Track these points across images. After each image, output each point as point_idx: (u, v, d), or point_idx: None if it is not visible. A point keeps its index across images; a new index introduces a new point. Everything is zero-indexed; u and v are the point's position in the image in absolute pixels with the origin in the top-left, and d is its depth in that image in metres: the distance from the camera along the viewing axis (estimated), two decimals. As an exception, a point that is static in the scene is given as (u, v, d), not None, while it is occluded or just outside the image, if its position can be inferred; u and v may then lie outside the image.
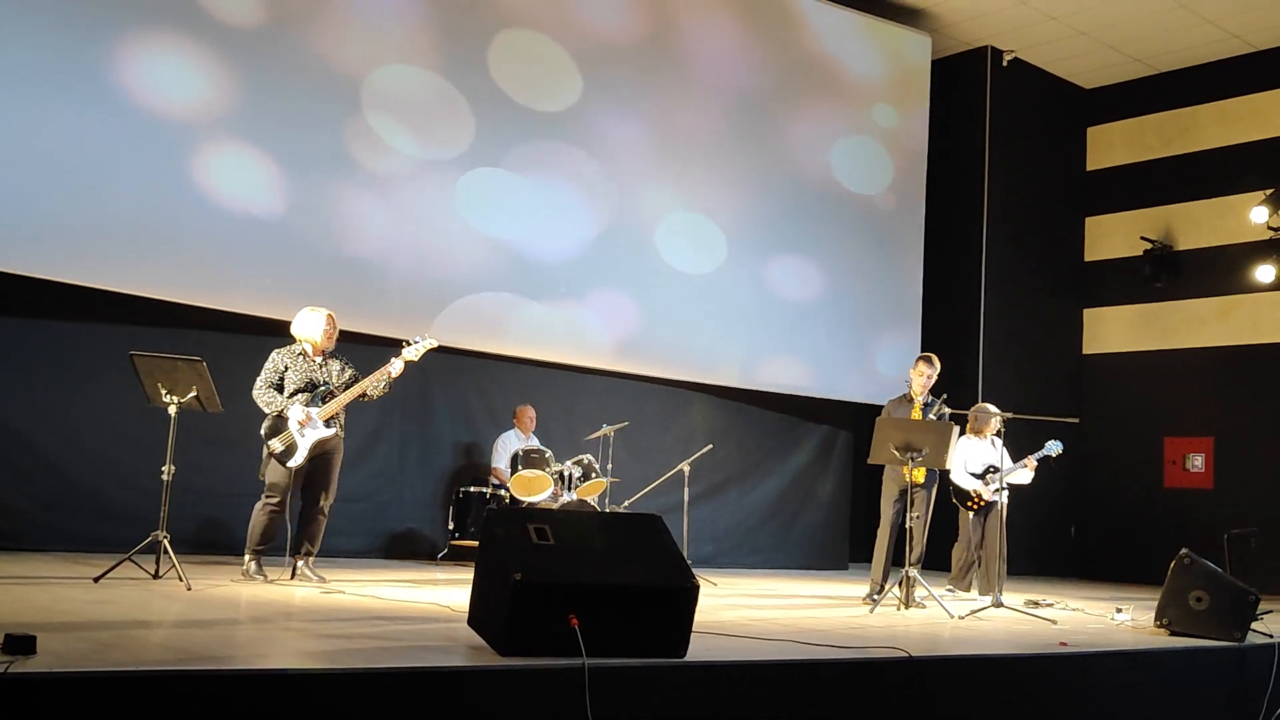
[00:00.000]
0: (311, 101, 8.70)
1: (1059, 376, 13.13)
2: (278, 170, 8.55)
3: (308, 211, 8.69)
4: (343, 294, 8.44)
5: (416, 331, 7.43)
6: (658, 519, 4.66)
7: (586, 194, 9.98)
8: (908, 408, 7.95)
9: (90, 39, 7.85)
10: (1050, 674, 5.34)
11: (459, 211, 9.35)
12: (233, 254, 8.35)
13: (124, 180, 7.94)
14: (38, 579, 6.09)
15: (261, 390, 6.84)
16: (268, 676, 3.50)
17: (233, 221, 8.36)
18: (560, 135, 9.85)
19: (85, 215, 7.79)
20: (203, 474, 7.85)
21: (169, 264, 8.11)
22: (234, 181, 8.37)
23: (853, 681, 4.61)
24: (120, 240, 7.93)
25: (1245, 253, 11.99)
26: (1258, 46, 12.11)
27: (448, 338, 9.35)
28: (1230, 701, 6.05)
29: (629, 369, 10.34)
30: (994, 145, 12.63)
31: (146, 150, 8.04)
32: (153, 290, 8.05)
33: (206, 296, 8.23)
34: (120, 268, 7.94)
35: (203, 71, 8.29)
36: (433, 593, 6.64)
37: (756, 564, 11.17)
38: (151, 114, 8.07)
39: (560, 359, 10.00)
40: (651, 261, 10.31)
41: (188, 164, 8.18)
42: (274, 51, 8.59)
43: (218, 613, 5.19)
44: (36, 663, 3.33)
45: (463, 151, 9.36)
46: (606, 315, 10.08)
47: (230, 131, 8.38)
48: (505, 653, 4.05)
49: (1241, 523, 10.83)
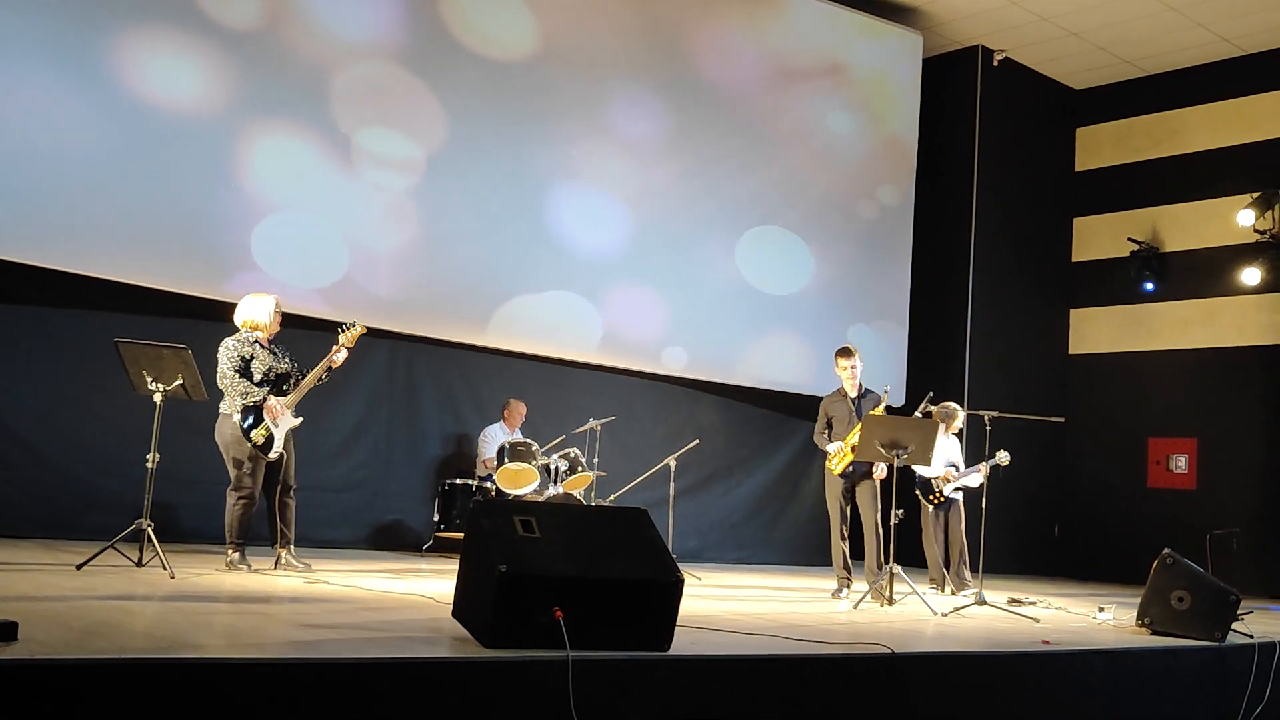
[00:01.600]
0: (303, 96, 8.69)
1: (1045, 376, 13.17)
2: (271, 161, 8.53)
3: (309, 202, 8.67)
4: (332, 285, 8.42)
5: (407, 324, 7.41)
6: (643, 513, 4.66)
7: (583, 189, 9.97)
8: (845, 403, 7.82)
9: (87, 30, 7.81)
10: (1032, 672, 5.36)
11: (445, 203, 9.34)
12: (215, 241, 8.32)
13: (110, 168, 7.91)
14: (20, 566, 6.06)
15: (236, 380, 6.75)
16: (251, 665, 3.49)
17: (216, 209, 8.33)
18: (544, 129, 9.84)
19: (69, 202, 7.75)
20: (187, 462, 7.82)
21: (155, 251, 8.08)
22: (215, 172, 8.34)
23: (835, 677, 4.62)
24: (105, 227, 7.89)
25: (1231, 255, 12.04)
26: (1247, 50, 12.16)
27: (433, 330, 9.37)
28: (1210, 701, 6.09)
29: (616, 363, 10.34)
30: (983, 145, 12.65)
31: (135, 138, 8.00)
32: (138, 278, 8.02)
33: (191, 284, 8.20)
34: (105, 254, 7.89)
35: (201, 63, 8.25)
36: (418, 584, 6.62)
37: (741, 559, 11.19)
38: (145, 103, 8.03)
39: (548, 352, 9.99)
40: (639, 257, 10.30)
41: (175, 154, 8.14)
42: (272, 45, 8.56)
43: (201, 601, 5.17)
44: (17, 650, 3.32)
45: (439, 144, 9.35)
46: (594, 310, 10.06)
47: (218, 122, 8.35)
48: (489, 644, 4.04)
49: (1224, 524, 10.94)
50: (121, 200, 7.93)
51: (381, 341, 9.17)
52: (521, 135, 9.67)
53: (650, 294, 10.37)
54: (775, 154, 11.16)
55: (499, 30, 9.61)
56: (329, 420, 8.94)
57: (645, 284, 10.33)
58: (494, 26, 9.59)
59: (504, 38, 9.64)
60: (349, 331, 6.95)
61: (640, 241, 10.31)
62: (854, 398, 7.79)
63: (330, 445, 9.09)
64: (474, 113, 9.44)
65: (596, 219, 10.07)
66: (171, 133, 8.13)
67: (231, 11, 8.39)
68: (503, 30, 9.64)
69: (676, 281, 10.51)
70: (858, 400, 7.76)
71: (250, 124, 8.46)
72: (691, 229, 10.61)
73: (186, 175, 8.19)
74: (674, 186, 10.53)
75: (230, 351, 6.81)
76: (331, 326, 7.21)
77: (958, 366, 12.32)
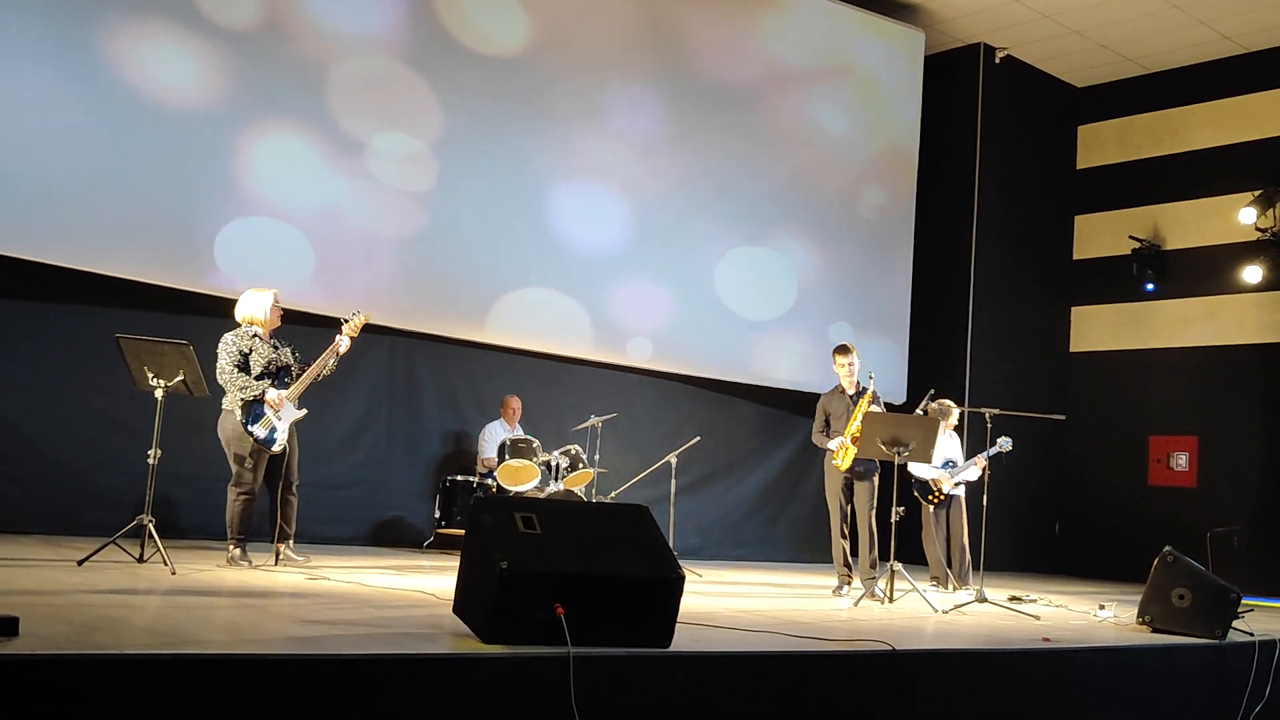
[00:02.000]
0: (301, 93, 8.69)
1: (1046, 374, 13.16)
2: (270, 158, 8.53)
3: (308, 198, 8.67)
4: (331, 280, 8.41)
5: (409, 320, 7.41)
6: (644, 510, 4.66)
7: (583, 185, 9.96)
8: (843, 400, 7.83)
9: (84, 22, 7.81)
10: (1033, 669, 5.36)
11: (446, 201, 9.34)
12: (212, 236, 8.32)
13: (111, 165, 7.91)
14: (21, 561, 6.06)
15: (235, 375, 6.76)
16: (251, 661, 3.49)
17: (212, 205, 8.33)
18: (542, 125, 9.84)
19: (70, 197, 7.75)
20: (188, 458, 7.82)
21: (154, 247, 8.08)
22: (212, 169, 8.34)
23: (836, 674, 4.62)
24: (105, 223, 7.89)
25: (1232, 253, 12.03)
26: (1249, 48, 12.14)
27: (434, 327, 9.36)
28: (1210, 698, 6.09)
29: (617, 361, 10.34)
30: (985, 142, 12.64)
31: (137, 134, 8.00)
32: (138, 274, 8.02)
33: (189, 280, 8.20)
34: (105, 251, 7.89)
35: (201, 60, 8.25)
36: (418, 580, 6.63)
37: (742, 556, 11.19)
38: (147, 100, 8.04)
39: (547, 349, 9.98)
40: (641, 256, 10.30)
41: (174, 150, 8.15)
42: (271, 42, 8.56)
43: (202, 597, 5.18)
44: (19, 645, 3.32)
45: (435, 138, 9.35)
46: (595, 307, 10.06)
47: (216, 119, 8.35)
48: (490, 641, 4.05)
49: (1224, 521, 10.93)
50: (121, 197, 7.92)
51: (383, 338, 9.17)
52: (520, 131, 9.66)
53: (650, 290, 10.36)
54: (775, 152, 11.15)
55: (495, 27, 9.60)
56: (330, 417, 8.93)
57: (645, 280, 10.32)
58: (490, 24, 9.57)
59: (499, 34, 9.62)
60: (353, 320, 6.96)
61: (641, 237, 10.31)
62: (852, 395, 7.79)
63: (331, 442, 9.09)
64: (472, 109, 9.43)
65: (596, 215, 10.06)
66: (170, 129, 8.12)
67: (229, 10, 8.38)
68: (498, 27, 9.62)
69: (677, 278, 10.50)
70: (855, 398, 7.75)
71: (249, 121, 8.45)
72: (692, 225, 10.59)
73: (184, 172, 8.18)
74: (675, 183, 10.52)
75: (229, 346, 6.81)
76: (332, 322, 7.21)
77: (959, 364, 12.31)
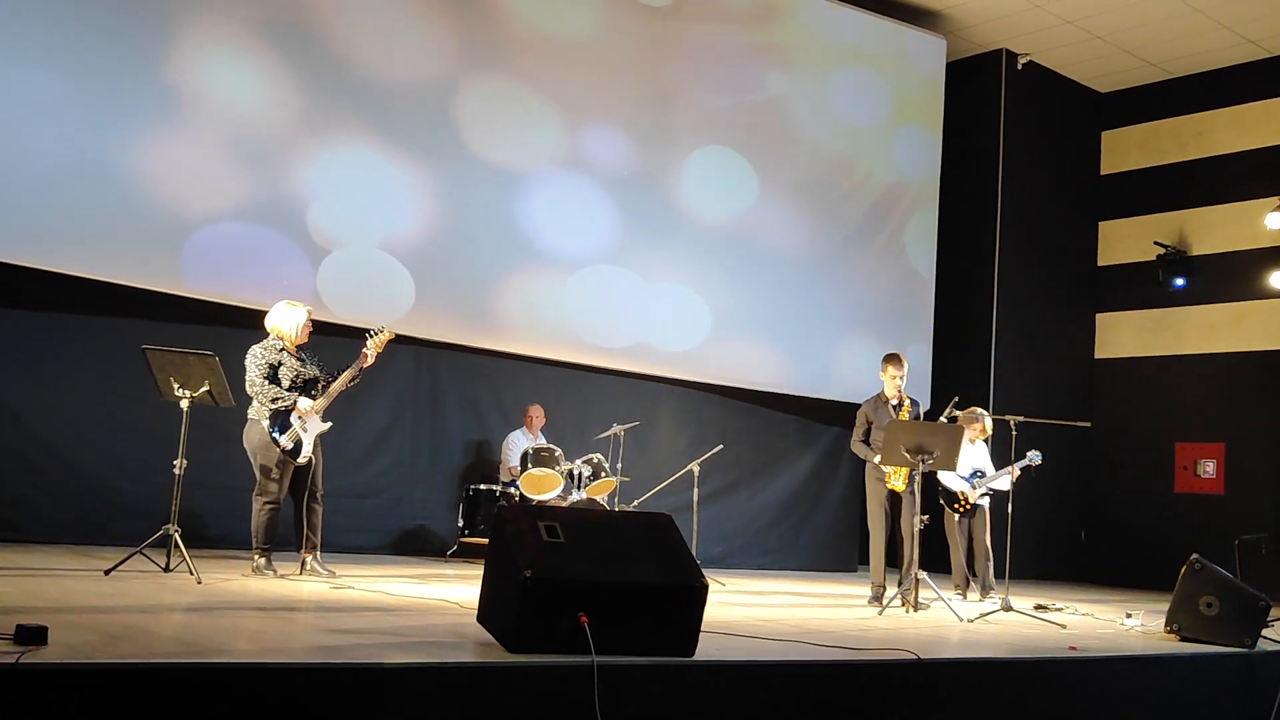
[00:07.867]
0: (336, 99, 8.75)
1: (1071, 381, 13.09)
2: (296, 168, 8.59)
3: (334, 211, 8.72)
4: (351, 289, 8.44)
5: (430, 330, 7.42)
6: (668, 518, 4.65)
7: (599, 193, 9.99)
8: (885, 409, 7.85)
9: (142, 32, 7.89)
10: (1059, 678, 5.32)
11: (467, 206, 9.37)
12: (243, 249, 8.37)
13: (139, 174, 7.96)
14: (49, 571, 6.11)
15: (266, 387, 6.79)
16: (277, 670, 3.51)
17: (241, 214, 8.39)
18: (559, 127, 9.87)
19: (99, 209, 7.81)
20: (214, 468, 7.87)
21: (177, 259, 8.13)
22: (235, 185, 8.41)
23: (861, 683, 4.61)
24: (135, 234, 7.95)
25: (1259, 259, 11.95)
26: (1273, 52, 12.07)
27: (456, 336, 9.38)
28: (1239, 708, 6.03)
29: (640, 369, 10.33)
30: (1008, 148, 12.60)
31: (166, 143, 8.05)
32: (163, 285, 8.07)
33: (219, 292, 8.26)
34: (134, 262, 7.95)
35: (259, 67, 8.32)
36: (442, 589, 6.65)
37: (766, 565, 11.16)
38: (181, 106, 8.10)
39: (571, 358, 9.99)
40: (662, 264, 10.30)
41: (200, 156, 8.21)
42: (304, 45, 8.62)
43: (228, 606, 5.20)
44: (48, 653, 3.34)
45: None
46: (617, 316, 10.07)
47: (239, 130, 8.41)
48: (514, 649, 4.05)
49: (1252, 529, 10.82)
50: (145, 208, 7.99)
51: (405, 348, 9.19)
52: (537, 136, 9.69)
53: (679, 299, 10.36)
54: (797, 160, 11.14)
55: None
56: (354, 427, 8.97)
57: (669, 290, 10.32)
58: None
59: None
60: (377, 337, 6.98)
61: (666, 248, 10.30)
62: (894, 404, 7.80)
63: (355, 451, 9.12)
64: (495, 113, 9.47)
65: (607, 222, 10.07)
66: (194, 139, 8.18)
67: (246, 9, 8.43)
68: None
69: (706, 288, 10.49)
70: (899, 408, 7.77)
71: (275, 133, 8.51)
72: (723, 236, 10.59)
73: (204, 185, 8.23)
74: (702, 192, 10.52)
75: (258, 358, 6.85)
76: (356, 333, 7.24)
77: (983, 371, 12.26)
